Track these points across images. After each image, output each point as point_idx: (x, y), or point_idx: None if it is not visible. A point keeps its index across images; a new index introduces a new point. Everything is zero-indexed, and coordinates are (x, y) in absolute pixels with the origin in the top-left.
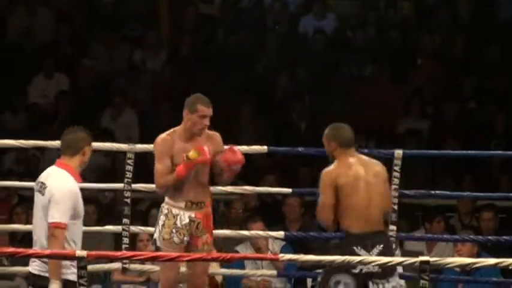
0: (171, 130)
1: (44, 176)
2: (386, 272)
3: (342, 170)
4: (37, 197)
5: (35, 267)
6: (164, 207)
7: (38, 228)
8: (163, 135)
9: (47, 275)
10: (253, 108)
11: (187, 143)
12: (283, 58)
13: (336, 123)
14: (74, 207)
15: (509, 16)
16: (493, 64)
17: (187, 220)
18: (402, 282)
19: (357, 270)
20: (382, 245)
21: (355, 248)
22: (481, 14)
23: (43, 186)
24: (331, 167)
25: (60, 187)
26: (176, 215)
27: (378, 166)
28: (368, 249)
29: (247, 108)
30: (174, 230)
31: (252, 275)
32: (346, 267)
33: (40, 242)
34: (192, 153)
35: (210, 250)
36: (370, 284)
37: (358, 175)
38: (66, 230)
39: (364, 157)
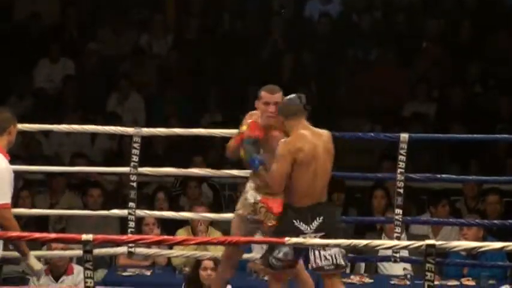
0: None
1: None
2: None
3: (302, 145)
4: None
5: None
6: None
7: None
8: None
9: None
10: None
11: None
12: (289, 42)
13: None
14: (11, 186)
15: None
16: (498, 49)
17: (252, 200)
18: (342, 251)
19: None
20: (322, 217)
21: (294, 221)
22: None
23: None
24: (292, 138)
25: None
26: (247, 192)
27: (328, 140)
28: (308, 222)
29: (253, 93)
30: (242, 205)
31: (257, 258)
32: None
33: None
34: (244, 126)
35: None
36: (311, 251)
37: (315, 153)
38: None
39: (315, 129)
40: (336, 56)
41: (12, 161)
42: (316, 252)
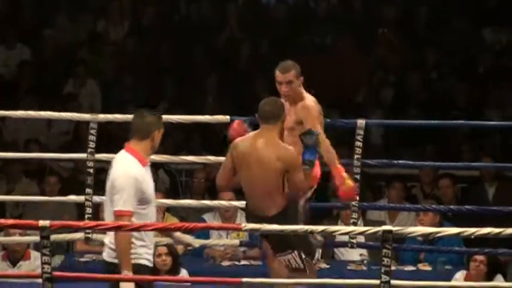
0: None
1: (114, 159)
2: (279, 247)
3: (240, 142)
4: (108, 178)
5: (107, 254)
6: None
7: (106, 214)
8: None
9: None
10: (216, 79)
11: (290, 106)
12: (245, 29)
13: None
14: (139, 193)
15: None
16: (454, 36)
17: None
18: (293, 256)
19: None
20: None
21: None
22: None
23: (111, 169)
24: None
25: (122, 173)
26: None
27: (272, 160)
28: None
29: (211, 79)
30: None
31: (214, 244)
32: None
33: None
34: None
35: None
36: None
37: (245, 154)
38: (133, 217)
39: (271, 141)
40: (292, 42)
41: None
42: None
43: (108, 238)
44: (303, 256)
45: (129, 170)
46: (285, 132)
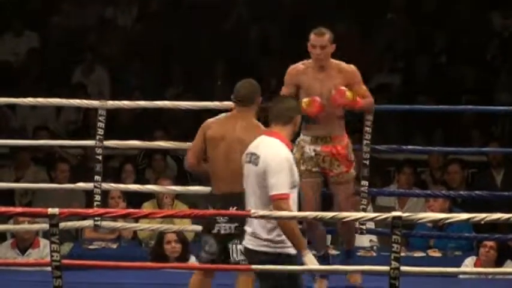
0: (309, 60)
1: (254, 146)
2: (244, 233)
3: (214, 123)
4: (248, 167)
5: (248, 242)
6: (298, 139)
7: (253, 200)
8: (296, 64)
9: (262, 249)
10: (224, 64)
11: (319, 72)
12: (253, 14)
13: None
14: (291, 177)
15: None
16: (463, 19)
17: (312, 153)
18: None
19: (215, 231)
20: (235, 208)
21: (210, 206)
22: None
23: (254, 156)
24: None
25: (276, 157)
26: (302, 147)
27: (255, 135)
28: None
29: (219, 65)
30: (301, 162)
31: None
32: (207, 228)
33: None
34: (303, 102)
35: (349, 180)
36: (230, 244)
37: (222, 135)
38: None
39: (250, 123)
40: (300, 27)
41: None
42: (234, 247)
43: (252, 227)
44: None
45: (282, 153)
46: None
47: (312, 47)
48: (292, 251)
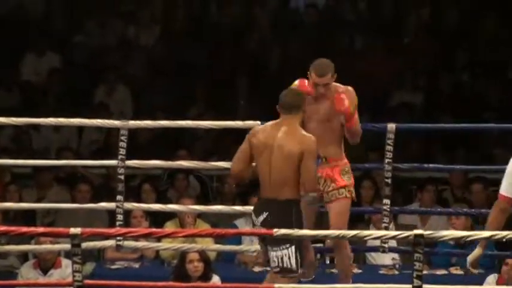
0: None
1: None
2: (276, 240)
3: (260, 130)
4: None
5: None
6: None
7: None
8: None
9: None
10: (247, 84)
11: (316, 101)
12: (276, 33)
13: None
14: None
15: None
16: (485, 35)
17: None
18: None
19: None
20: (267, 213)
21: (252, 213)
22: None
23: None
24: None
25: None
26: None
27: (292, 146)
28: (257, 215)
29: (242, 83)
30: None
31: (246, 250)
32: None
33: None
34: (293, 85)
35: (339, 198)
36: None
37: (266, 142)
38: None
39: (292, 129)
40: (322, 46)
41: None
42: (269, 253)
43: None
44: (299, 255)
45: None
46: (315, 124)
47: (315, 85)
48: None
